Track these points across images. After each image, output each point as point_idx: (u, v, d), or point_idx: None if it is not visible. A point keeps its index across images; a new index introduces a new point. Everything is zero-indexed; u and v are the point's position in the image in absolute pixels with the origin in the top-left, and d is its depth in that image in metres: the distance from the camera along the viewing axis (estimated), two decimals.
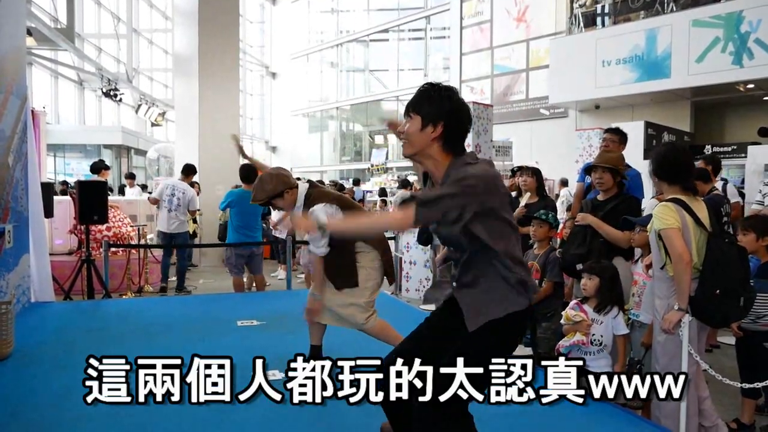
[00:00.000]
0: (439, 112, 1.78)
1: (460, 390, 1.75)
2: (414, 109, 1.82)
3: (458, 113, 1.81)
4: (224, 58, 10.74)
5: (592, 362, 3.06)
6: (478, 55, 18.21)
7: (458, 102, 1.82)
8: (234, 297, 6.04)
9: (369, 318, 3.13)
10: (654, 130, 11.78)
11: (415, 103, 1.82)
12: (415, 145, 1.81)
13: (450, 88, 1.86)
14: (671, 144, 4.04)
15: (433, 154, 1.81)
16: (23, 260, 4.99)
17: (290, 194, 3.13)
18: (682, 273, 2.57)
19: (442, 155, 1.81)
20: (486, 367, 1.80)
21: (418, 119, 1.80)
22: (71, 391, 3.05)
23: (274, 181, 3.10)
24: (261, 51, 27.38)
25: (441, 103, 1.79)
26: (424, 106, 1.80)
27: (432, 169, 1.84)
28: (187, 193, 7.32)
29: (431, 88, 1.83)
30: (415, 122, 1.80)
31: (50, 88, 16.66)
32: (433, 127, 1.78)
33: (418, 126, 1.79)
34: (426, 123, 1.78)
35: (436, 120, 1.78)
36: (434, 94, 1.80)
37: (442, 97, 1.80)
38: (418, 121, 1.80)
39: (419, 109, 1.80)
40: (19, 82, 4.92)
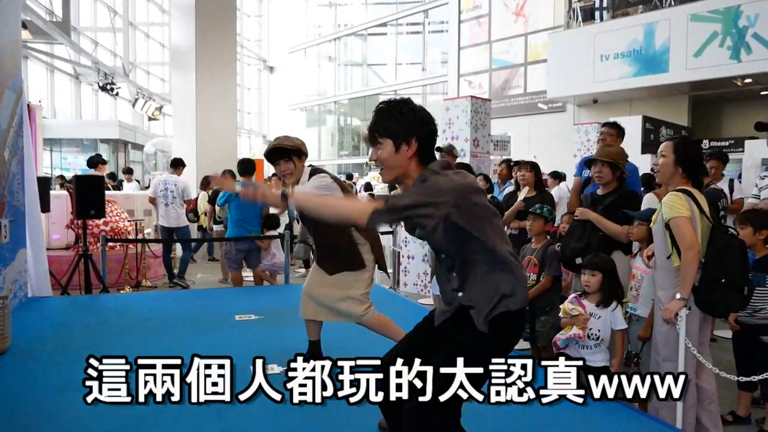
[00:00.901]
0: (408, 129, 1.72)
1: (459, 390, 1.75)
2: (380, 133, 1.74)
3: (426, 123, 1.76)
4: (222, 51, 10.68)
5: (589, 356, 3.07)
6: (476, 49, 18.18)
7: (421, 111, 1.77)
8: (232, 291, 6.04)
9: (366, 310, 3.12)
10: (652, 124, 11.80)
11: (381, 127, 1.74)
12: (395, 168, 1.75)
13: (407, 100, 1.79)
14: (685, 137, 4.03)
15: (412, 171, 1.76)
16: (20, 255, 4.97)
17: (301, 162, 3.13)
18: (690, 261, 2.57)
19: (418, 171, 1.76)
20: (485, 365, 1.80)
21: (388, 142, 1.73)
22: (69, 386, 3.05)
23: (299, 141, 3.14)
24: (258, 45, 27.30)
25: (406, 118, 1.73)
26: (390, 128, 1.73)
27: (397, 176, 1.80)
28: (179, 185, 7.38)
29: (390, 108, 1.76)
30: (386, 146, 1.73)
31: (46, 81, 16.58)
32: (407, 145, 1.72)
33: (391, 149, 1.73)
34: (399, 143, 1.72)
35: (408, 137, 1.72)
36: (395, 112, 1.74)
37: (404, 113, 1.73)
38: (389, 144, 1.73)
39: (387, 132, 1.73)
40: (14, 76, 4.89)
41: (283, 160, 3.06)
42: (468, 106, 7.08)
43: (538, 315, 3.58)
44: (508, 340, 1.87)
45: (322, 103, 25.76)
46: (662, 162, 2.78)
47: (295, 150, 3.07)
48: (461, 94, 17.15)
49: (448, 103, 7.46)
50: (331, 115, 25.87)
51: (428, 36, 21.54)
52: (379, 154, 1.75)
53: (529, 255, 3.78)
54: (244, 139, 25.45)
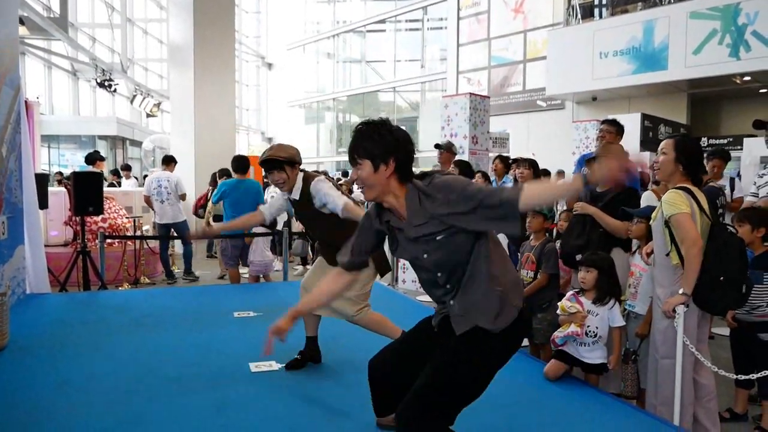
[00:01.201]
0: (386, 149, 1.77)
1: (452, 397, 1.76)
2: (359, 154, 1.80)
3: (403, 143, 1.81)
4: (220, 48, 10.66)
5: (587, 353, 3.08)
6: (475, 46, 18.16)
7: (398, 132, 1.82)
8: (230, 288, 6.04)
9: (360, 310, 3.11)
10: (650, 122, 11.80)
11: (360, 149, 1.80)
12: (375, 187, 1.80)
13: (385, 121, 1.84)
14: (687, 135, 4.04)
15: (393, 189, 1.81)
16: (18, 252, 4.96)
17: (296, 170, 3.14)
18: (694, 257, 2.58)
19: (400, 188, 1.82)
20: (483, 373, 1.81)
21: (367, 163, 1.78)
22: (67, 382, 3.05)
23: (293, 150, 3.14)
24: (257, 41, 27.24)
25: (384, 139, 1.78)
26: (368, 149, 1.79)
27: (394, 203, 1.83)
28: (172, 180, 7.41)
29: (368, 129, 1.81)
30: (366, 166, 1.79)
31: (44, 78, 16.53)
32: (385, 165, 1.78)
33: (370, 169, 1.78)
34: (377, 164, 1.78)
35: (386, 157, 1.77)
36: (374, 134, 1.79)
37: (382, 134, 1.79)
38: (368, 165, 1.78)
39: (366, 153, 1.79)
40: (12, 72, 4.88)
41: (276, 170, 3.09)
42: (467, 103, 7.08)
43: (535, 312, 3.58)
44: (508, 343, 1.86)
45: (321, 100, 25.72)
46: (663, 159, 2.77)
47: (288, 161, 3.09)
48: (460, 91, 17.14)
49: (446, 100, 7.45)
50: (330, 112, 25.83)
51: (427, 33, 21.51)
52: (359, 173, 1.81)
53: (528, 252, 3.78)
54: (243, 135, 25.41)
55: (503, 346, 1.84)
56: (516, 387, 3.01)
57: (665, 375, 2.76)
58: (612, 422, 2.68)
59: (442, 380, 1.75)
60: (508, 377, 1.95)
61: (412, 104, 22.91)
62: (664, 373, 2.77)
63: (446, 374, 1.76)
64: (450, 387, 1.75)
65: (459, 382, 1.76)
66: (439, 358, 1.81)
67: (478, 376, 1.80)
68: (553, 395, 2.98)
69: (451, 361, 1.79)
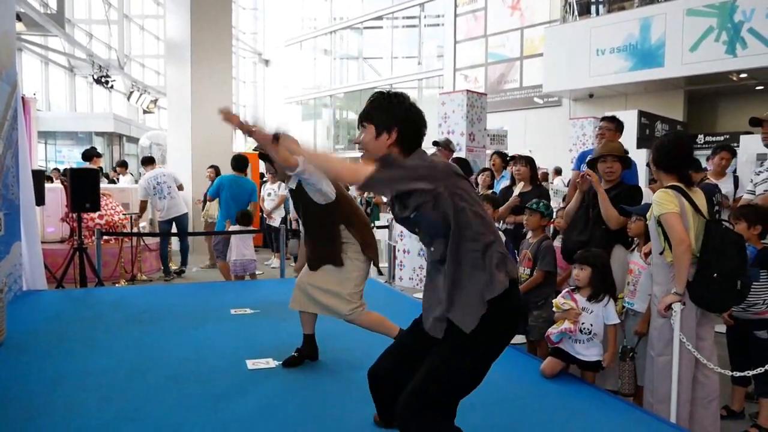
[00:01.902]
0: (391, 119, 1.83)
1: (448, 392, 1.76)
2: (367, 119, 1.86)
3: (411, 116, 1.86)
4: (217, 44, 10.62)
5: (583, 351, 3.09)
6: (472, 43, 18.14)
7: (410, 106, 1.87)
8: (227, 285, 6.03)
9: (354, 310, 3.10)
10: (647, 119, 11.81)
11: (367, 114, 1.87)
12: (374, 153, 1.86)
13: (400, 94, 1.90)
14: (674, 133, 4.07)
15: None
16: (15, 248, 4.95)
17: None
18: (681, 256, 2.60)
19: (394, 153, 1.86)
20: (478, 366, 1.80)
21: (371, 128, 1.84)
22: (64, 378, 3.05)
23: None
24: (254, 38, 27.16)
25: (392, 109, 1.84)
26: (376, 116, 1.85)
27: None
28: (167, 173, 7.57)
29: (382, 97, 1.88)
30: (369, 131, 1.85)
31: (40, 74, 16.46)
32: (387, 134, 1.83)
33: (372, 134, 1.84)
34: (380, 131, 1.83)
35: (389, 126, 1.83)
36: (385, 102, 1.86)
37: (392, 104, 1.85)
38: (372, 130, 1.84)
39: (372, 119, 1.85)
40: (8, 68, 4.85)
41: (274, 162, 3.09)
42: (464, 100, 7.07)
43: (530, 309, 3.59)
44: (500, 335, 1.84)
45: (318, 96, 25.66)
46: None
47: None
48: (457, 88, 17.12)
49: (443, 97, 7.45)
50: (327, 108, 25.78)
51: (424, 30, 21.47)
52: (362, 137, 1.87)
53: (525, 249, 3.79)
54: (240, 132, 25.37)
55: (496, 335, 1.82)
56: (512, 384, 3.01)
57: (661, 373, 2.77)
58: (608, 419, 2.68)
59: (437, 375, 1.75)
60: (505, 374, 1.96)
61: None
62: (660, 370, 2.78)
63: (440, 368, 1.76)
64: (444, 380, 1.75)
65: (453, 375, 1.76)
66: (432, 355, 1.82)
67: (473, 367, 1.79)
68: (550, 392, 2.99)
69: (444, 355, 1.78)
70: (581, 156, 4.48)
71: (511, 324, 1.86)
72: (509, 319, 1.84)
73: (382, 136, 1.83)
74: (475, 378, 1.80)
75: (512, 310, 1.84)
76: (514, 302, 1.84)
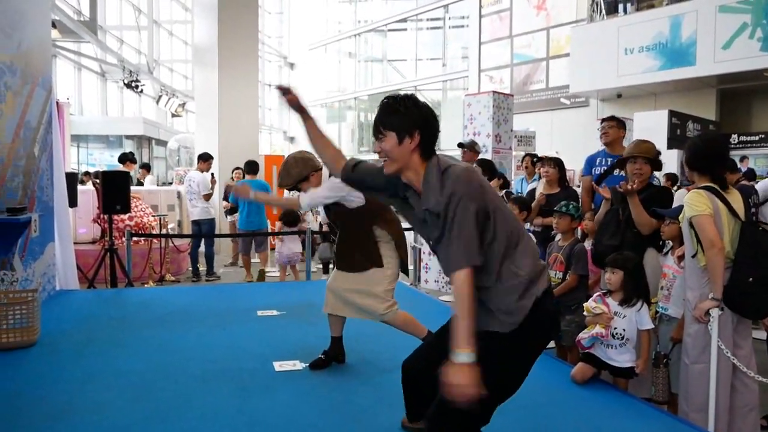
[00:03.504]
0: (411, 123, 1.77)
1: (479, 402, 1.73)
2: (385, 126, 1.79)
3: (429, 117, 1.81)
4: (243, 49, 10.76)
5: (615, 356, 3.02)
6: (497, 43, 17.99)
7: (425, 107, 1.82)
8: (254, 287, 6.09)
9: (389, 308, 3.09)
10: (678, 119, 11.54)
11: (384, 121, 1.80)
12: (398, 160, 1.79)
13: (412, 96, 1.84)
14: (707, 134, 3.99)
15: (414, 164, 1.80)
16: (48, 249, 5.07)
17: (315, 177, 3.14)
18: (713, 259, 2.52)
19: (421, 163, 1.80)
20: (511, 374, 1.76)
21: (392, 135, 1.78)
22: (94, 378, 3.10)
23: (299, 165, 3.12)
24: (279, 42, 27.40)
25: (410, 113, 1.78)
26: (394, 121, 1.78)
27: (413, 178, 1.82)
28: (195, 179, 7.77)
29: (395, 102, 1.81)
30: (390, 139, 1.78)
31: (74, 79, 16.88)
32: (410, 138, 1.77)
33: (394, 141, 1.78)
34: (402, 136, 1.77)
35: (411, 130, 1.77)
36: (400, 107, 1.79)
37: (408, 107, 1.78)
38: (393, 137, 1.78)
39: (391, 125, 1.78)
40: (44, 74, 4.98)
41: (303, 183, 3.16)
42: (490, 101, 7.01)
43: (563, 314, 3.52)
44: (533, 342, 1.80)
45: (343, 99, 25.76)
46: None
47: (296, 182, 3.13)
48: (482, 89, 16.99)
49: (469, 99, 7.40)
50: (351, 111, 25.87)
51: (449, 31, 21.37)
52: (383, 146, 1.81)
53: (556, 252, 3.72)
54: (265, 134, 25.61)
55: (529, 343, 1.78)
56: (542, 390, 2.95)
57: (697, 380, 2.69)
58: (642, 428, 2.61)
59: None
60: (534, 380, 1.91)
61: (434, 103, 22.80)
62: (695, 378, 2.70)
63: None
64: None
65: (485, 384, 1.72)
66: None
67: (506, 376, 1.75)
68: (581, 399, 2.93)
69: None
70: (589, 160, 4.39)
71: (544, 331, 1.82)
72: (542, 325, 1.80)
73: (405, 141, 1.77)
74: (507, 387, 1.76)
75: (545, 316, 1.80)
76: (548, 308, 1.80)
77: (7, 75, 4.12)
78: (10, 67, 4.16)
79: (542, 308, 1.75)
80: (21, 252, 4.33)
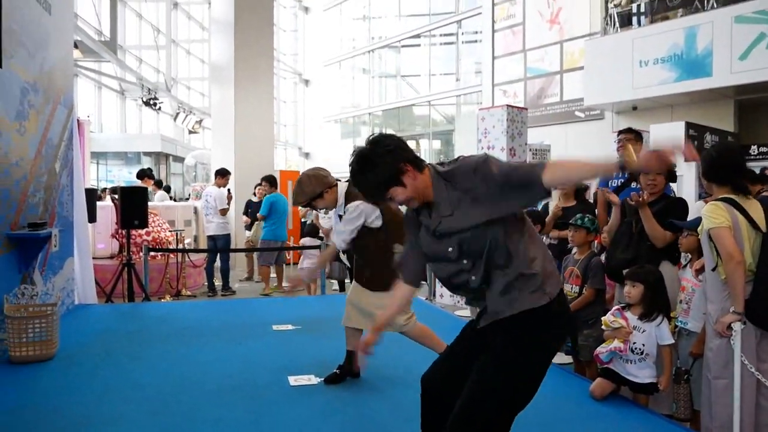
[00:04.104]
0: (394, 160, 1.74)
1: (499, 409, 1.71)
2: (382, 189, 1.77)
3: (399, 144, 1.78)
4: (259, 66, 10.91)
5: (635, 372, 2.96)
6: (510, 58, 18.02)
7: (387, 144, 1.77)
8: (269, 301, 6.11)
9: (409, 320, 3.09)
10: (695, 130, 11.41)
11: (378, 186, 1.76)
12: (415, 195, 1.77)
13: (373, 147, 1.78)
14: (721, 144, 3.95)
15: (422, 185, 1.78)
16: (68, 263, 5.15)
17: (330, 193, 3.15)
18: (732, 273, 2.47)
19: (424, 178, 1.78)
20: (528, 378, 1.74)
21: (395, 189, 1.76)
22: (111, 391, 3.12)
23: (312, 182, 3.13)
24: (294, 59, 27.75)
25: (384, 155, 1.74)
26: (383, 172, 1.74)
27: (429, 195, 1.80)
28: (213, 195, 7.86)
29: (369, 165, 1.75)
30: (397, 192, 1.76)
31: (94, 98, 17.25)
32: (405, 171, 1.74)
33: (401, 190, 1.76)
34: (398, 177, 1.74)
35: (401, 166, 1.74)
36: (375, 158, 1.74)
37: (379, 153, 1.74)
38: (397, 189, 1.76)
39: (386, 184, 1.75)
40: (66, 93, 5.10)
41: (317, 200, 3.17)
42: (504, 115, 7.00)
43: (580, 328, 3.47)
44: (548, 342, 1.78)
45: (357, 114, 25.94)
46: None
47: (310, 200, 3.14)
48: (496, 103, 17.01)
49: (483, 113, 7.40)
50: (366, 126, 26.01)
51: (462, 46, 21.47)
52: (398, 199, 1.79)
53: (572, 266, 3.68)
54: (281, 150, 25.84)
55: (545, 342, 1.77)
56: (560, 405, 2.91)
57: (720, 396, 2.62)
58: None
59: (486, 392, 1.70)
60: (552, 395, 1.89)
61: (448, 117, 22.86)
62: (718, 394, 2.63)
63: (489, 384, 1.71)
64: (494, 397, 1.69)
65: (503, 390, 1.70)
66: (480, 369, 1.76)
67: (523, 379, 1.74)
68: (600, 415, 2.87)
69: (492, 370, 1.73)
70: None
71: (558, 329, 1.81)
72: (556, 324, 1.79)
73: (407, 176, 1.74)
74: (526, 392, 1.74)
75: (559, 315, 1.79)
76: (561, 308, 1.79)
77: (31, 93, 4.22)
78: (33, 86, 4.27)
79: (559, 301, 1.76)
80: (41, 266, 4.41)
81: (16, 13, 3.94)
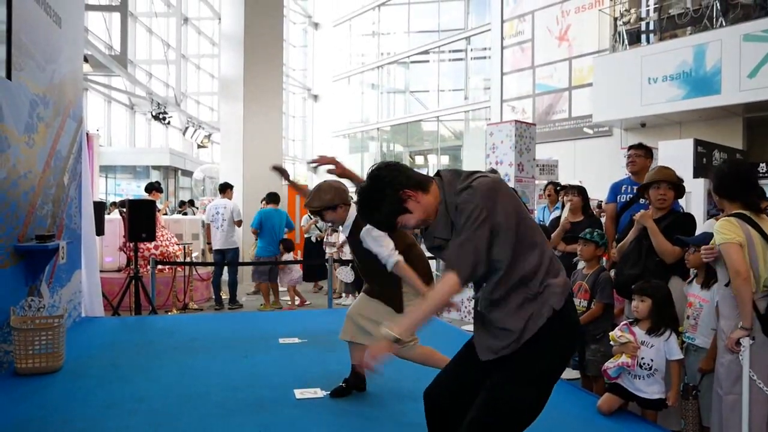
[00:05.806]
0: (394, 191, 1.73)
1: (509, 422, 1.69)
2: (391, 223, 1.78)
3: (397, 174, 1.76)
4: (268, 81, 11.02)
5: (643, 387, 2.92)
6: (519, 74, 18.11)
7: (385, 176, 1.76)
8: (276, 315, 6.10)
9: (407, 344, 3.05)
10: (704, 147, 11.37)
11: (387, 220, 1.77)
12: (424, 218, 1.78)
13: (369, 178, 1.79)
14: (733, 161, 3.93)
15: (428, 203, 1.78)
16: (75, 276, 5.17)
17: (342, 210, 3.12)
18: (740, 288, 2.45)
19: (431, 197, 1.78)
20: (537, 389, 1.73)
21: (402, 217, 1.76)
22: (117, 403, 3.12)
23: (332, 192, 3.11)
24: (303, 74, 28.04)
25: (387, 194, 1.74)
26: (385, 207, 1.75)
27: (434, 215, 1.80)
28: (228, 206, 7.85)
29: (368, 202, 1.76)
30: (406, 219, 1.77)
31: (104, 111, 17.46)
32: (407, 198, 1.74)
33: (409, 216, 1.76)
34: (401, 206, 1.74)
35: (401, 195, 1.74)
36: (375, 195, 1.75)
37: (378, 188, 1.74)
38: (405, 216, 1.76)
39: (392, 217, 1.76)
40: (75, 106, 5.17)
41: (328, 211, 3.09)
42: (512, 130, 7.02)
43: (588, 343, 3.44)
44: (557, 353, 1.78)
45: (365, 129, 26.09)
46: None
47: (323, 208, 3.08)
48: (504, 119, 17.05)
49: (491, 128, 7.41)
50: (374, 141, 26.14)
51: (470, 62, 21.61)
52: (410, 225, 1.80)
53: (580, 280, 3.66)
54: (289, 165, 26.00)
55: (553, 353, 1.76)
56: (568, 421, 2.87)
57: (731, 413, 2.58)
58: None
59: (496, 405, 1.69)
60: (559, 411, 1.87)
61: (456, 133, 22.94)
62: (729, 410, 2.59)
63: (499, 397, 1.70)
64: (504, 410, 1.68)
65: (512, 402, 1.69)
66: (489, 383, 1.75)
67: (532, 391, 1.72)
68: (608, 431, 2.83)
69: (501, 383, 1.72)
70: (614, 187, 4.34)
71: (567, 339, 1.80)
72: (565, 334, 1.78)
73: (410, 201, 1.75)
74: (535, 404, 1.73)
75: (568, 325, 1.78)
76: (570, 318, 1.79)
77: (40, 106, 4.27)
78: (42, 98, 4.32)
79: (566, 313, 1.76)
80: (48, 279, 4.43)
81: (27, 26, 3.98)
